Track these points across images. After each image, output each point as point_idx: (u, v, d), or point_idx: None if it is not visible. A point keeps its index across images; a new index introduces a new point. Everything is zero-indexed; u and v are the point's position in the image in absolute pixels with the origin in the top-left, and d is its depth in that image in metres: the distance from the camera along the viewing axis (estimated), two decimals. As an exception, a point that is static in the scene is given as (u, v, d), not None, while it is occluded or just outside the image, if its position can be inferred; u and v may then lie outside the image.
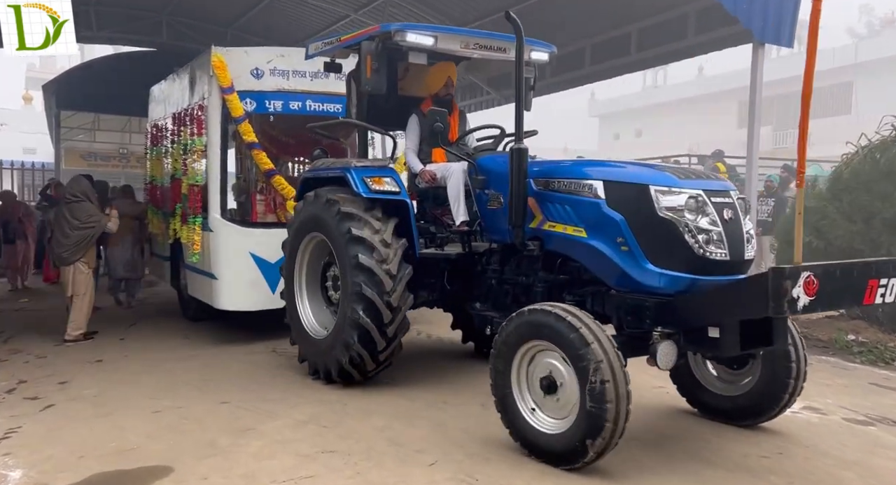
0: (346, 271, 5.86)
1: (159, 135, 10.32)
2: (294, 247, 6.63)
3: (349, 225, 5.78)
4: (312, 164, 6.80)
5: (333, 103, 8.42)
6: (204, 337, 8.53)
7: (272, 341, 8.06)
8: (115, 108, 17.19)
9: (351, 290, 5.79)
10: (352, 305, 5.79)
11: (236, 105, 7.89)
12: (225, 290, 8.04)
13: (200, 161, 8.24)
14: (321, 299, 6.76)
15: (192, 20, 15.57)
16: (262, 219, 8.55)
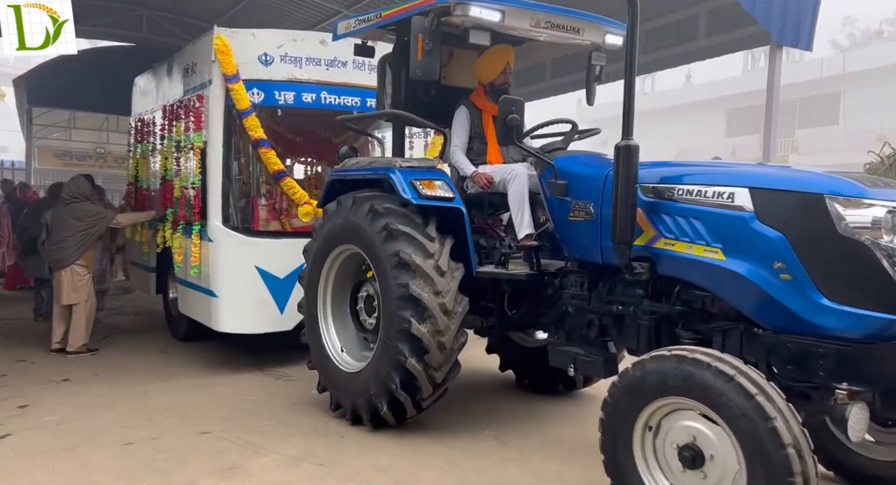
0: (389, 300, 4.84)
1: (146, 130, 9.17)
2: (320, 257, 5.58)
3: (398, 246, 4.77)
4: (341, 163, 5.72)
5: (351, 96, 7.35)
6: (184, 353, 7.80)
7: (259, 360, 7.34)
8: (91, 106, 16.38)
9: (396, 325, 4.77)
10: (396, 343, 4.79)
11: (242, 95, 6.79)
12: (226, 309, 6.94)
13: (198, 160, 7.10)
14: (349, 322, 5.73)
15: (173, 15, 14.61)
16: (265, 227, 7.43)
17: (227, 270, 6.92)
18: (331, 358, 5.53)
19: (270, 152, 6.96)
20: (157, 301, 9.43)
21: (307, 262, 5.73)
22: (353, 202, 5.11)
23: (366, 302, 5.47)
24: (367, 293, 5.45)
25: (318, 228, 5.56)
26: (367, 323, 5.44)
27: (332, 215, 5.37)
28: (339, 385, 5.42)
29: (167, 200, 8.04)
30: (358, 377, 5.21)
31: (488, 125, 5.51)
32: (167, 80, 8.36)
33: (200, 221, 7.15)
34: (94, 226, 7.79)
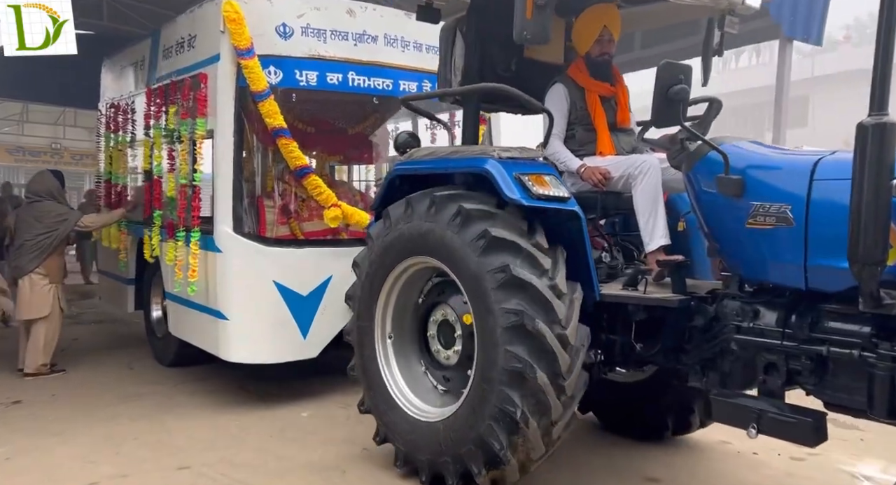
0: (489, 330, 3.68)
1: (122, 118, 7.81)
2: (380, 273, 4.39)
3: (503, 260, 3.63)
4: (406, 153, 4.54)
5: (382, 77, 6.19)
6: (153, 369, 7.10)
7: (239, 376, 6.45)
8: (45, 98, 15.04)
9: (503, 364, 3.61)
10: (501, 387, 3.63)
11: (258, 74, 5.57)
12: (238, 335, 5.73)
13: (200, 153, 5.83)
14: (416, 354, 4.55)
15: (136, 2, 13.08)
16: (273, 232, 6.20)
17: (240, 286, 5.71)
18: (396, 402, 4.36)
19: (292, 144, 5.75)
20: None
21: (359, 278, 4.54)
22: (432, 203, 3.94)
23: (441, 331, 4.31)
24: (442, 318, 4.29)
25: (376, 236, 4.36)
26: (444, 357, 4.29)
27: (398, 220, 4.18)
28: (410, 437, 4.26)
29: (155, 200, 6.74)
30: (439, 429, 4.05)
31: (595, 107, 4.42)
32: (152, 59, 7.05)
33: (201, 226, 5.88)
34: (56, 229, 6.84)
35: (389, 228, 4.24)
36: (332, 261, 5.91)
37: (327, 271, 5.87)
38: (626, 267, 4.27)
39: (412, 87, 6.33)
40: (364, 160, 7.64)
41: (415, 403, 4.34)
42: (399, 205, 4.19)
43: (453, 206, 3.84)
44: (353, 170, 8.21)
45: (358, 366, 4.59)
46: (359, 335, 4.56)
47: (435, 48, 6.31)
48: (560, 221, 3.89)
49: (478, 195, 3.88)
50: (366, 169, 7.96)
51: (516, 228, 3.70)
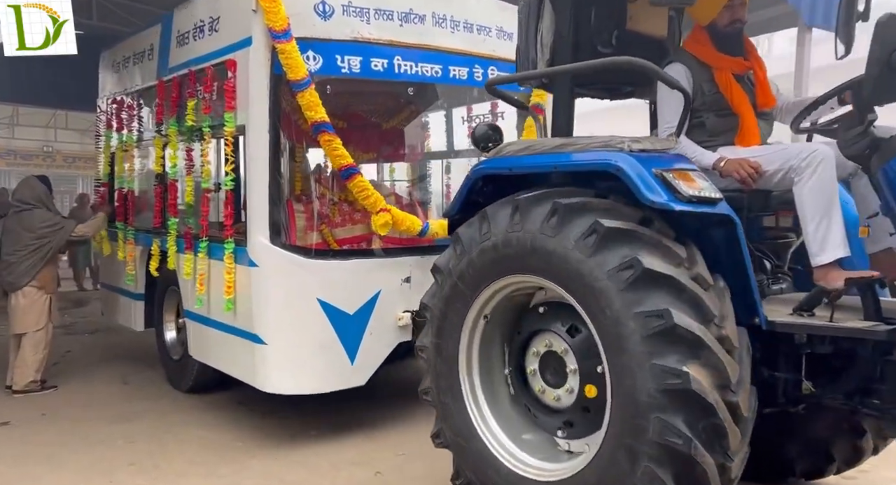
0: (632, 389, 2.83)
1: (126, 115, 6.99)
2: (469, 289, 3.57)
3: (659, 300, 2.77)
4: (497, 148, 3.77)
5: (431, 63, 5.44)
6: (149, 383, 6.69)
7: (237, 391, 5.98)
8: (36, 100, 14.38)
9: (653, 435, 2.76)
10: (648, 464, 2.79)
11: (297, 61, 4.79)
12: (278, 361, 4.96)
13: (230, 152, 5.05)
14: (505, 389, 3.76)
15: (127, 1, 12.29)
16: (303, 241, 5.43)
17: (280, 305, 4.94)
18: (491, 453, 3.58)
19: (336, 141, 4.97)
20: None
21: (441, 286, 3.75)
22: (554, 213, 3.12)
23: (545, 364, 3.53)
24: (546, 349, 3.52)
25: (468, 243, 3.53)
26: (552, 398, 3.51)
27: (501, 228, 3.38)
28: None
29: (169, 207, 5.94)
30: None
31: (731, 88, 3.65)
32: (163, 47, 6.25)
33: (234, 237, 5.09)
34: (49, 238, 6.43)
35: (487, 235, 3.44)
36: (381, 273, 5.18)
37: (375, 286, 5.13)
38: (773, 281, 3.51)
39: (462, 73, 5.59)
40: (399, 157, 6.86)
41: (522, 457, 3.55)
42: (502, 209, 3.39)
43: (585, 220, 3.01)
44: (383, 168, 7.43)
45: (433, 392, 3.81)
46: (435, 354, 3.77)
47: (485, 29, 5.61)
48: (701, 227, 3.14)
49: (615, 206, 3.07)
50: (407, 167, 7.17)
51: (672, 256, 2.88)
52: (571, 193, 3.17)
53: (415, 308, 5.19)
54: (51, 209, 6.64)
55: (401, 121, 6.72)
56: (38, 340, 6.37)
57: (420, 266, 5.29)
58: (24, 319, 6.34)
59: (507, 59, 5.73)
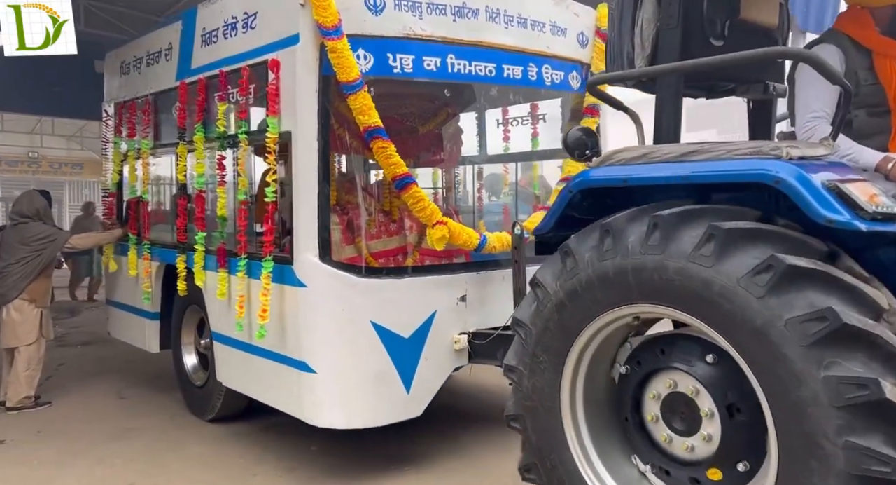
0: (814, 473, 2.35)
1: (141, 120, 6.48)
2: (574, 316, 3.10)
3: (858, 364, 2.25)
4: (605, 155, 3.34)
5: (484, 61, 4.99)
6: (147, 398, 6.57)
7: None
8: (21, 107, 14.06)
9: (847, 463, 2.27)
10: None
11: (348, 60, 4.34)
12: (330, 392, 4.51)
13: (272, 161, 4.57)
14: (619, 437, 3.28)
15: (118, 7, 11.82)
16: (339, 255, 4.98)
17: (332, 329, 4.47)
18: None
19: (390, 148, 4.52)
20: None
21: (541, 303, 3.24)
22: (710, 238, 2.58)
23: (669, 408, 3.07)
24: (669, 390, 3.05)
25: (578, 262, 3.04)
26: (682, 448, 3.03)
27: (614, 248, 2.91)
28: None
29: (197, 221, 5.44)
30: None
31: (894, 79, 3.21)
32: (184, 47, 5.75)
33: (275, 253, 4.62)
34: (41, 250, 6.30)
35: (611, 253, 2.95)
36: (436, 292, 4.75)
37: (431, 306, 4.69)
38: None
39: (516, 72, 5.15)
40: (436, 163, 6.41)
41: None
42: (633, 225, 2.87)
43: (756, 251, 2.48)
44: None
45: (524, 422, 3.35)
46: (530, 381, 3.31)
47: (539, 24, 5.19)
48: (868, 246, 2.70)
49: (792, 234, 2.58)
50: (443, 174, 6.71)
51: (871, 305, 2.36)
52: (727, 213, 2.72)
53: (471, 330, 4.79)
54: (47, 223, 6.50)
55: (437, 124, 6.26)
56: (31, 355, 6.25)
57: (476, 283, 4.88)
58: (15, 334, 6.23)
59: (561, 57, 5.35)
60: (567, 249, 3.08)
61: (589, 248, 2.99)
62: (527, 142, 6.46)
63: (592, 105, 5.48)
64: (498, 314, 4.87)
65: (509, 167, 6.91)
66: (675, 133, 3.44)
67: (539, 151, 6.32)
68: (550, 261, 3.21)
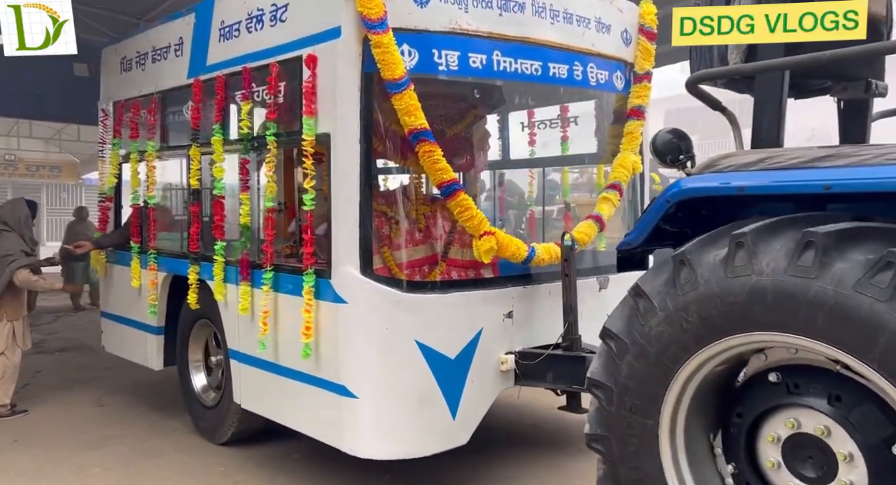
0: None
1: (146, 121, 6.04)
2: (685, 338, 2.71)
3: None
4: (703, 164, 2.99)
5: (532, 59, 4.63)
6: (127, 405, 6.47)
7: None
8: None
9: None
10: None
11: (395, 56, 3.98)
12: (374, 419, 4.12)
13: (309, 165, 4.18)
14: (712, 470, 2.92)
15: (101, 10, 11.37)
16: (393, 268, 4.62)
17: (376, 350, 4.08)
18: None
19: (437, 152, 4.15)
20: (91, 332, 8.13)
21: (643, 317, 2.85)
22: (879, 263, 2.20)
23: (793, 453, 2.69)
24: (791, 432, 2.68)
25: (699, 274, 2.62)
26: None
27: (748, 264, 2.52)
28: None
29: (215, 229, 5.03)
30: None
31: None
32: (198, 41, 5.34)
33: (314, 267, 4.23)
34: (3, 269, 6.08)
35: (743, 270, 2.56)
36: (482, 308, 4.40)
37: (477, 323, 4.33)
38: None
39: (562, 71, 4.81)
40: (464, 168, 6.03)
41: None
42: (773, 240, 2.47)
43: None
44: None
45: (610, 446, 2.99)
46: (619, 404, 2.94)
47: (585, 20, 4.86)
48: None
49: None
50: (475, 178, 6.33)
51: None
52: None
53: (517, 349, 4.44)
54: (23, 236, 6.34)
55: (464, 127, 5.90)
56: (4, 364, 6.10)
57: (523, 299, 4.54)
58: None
59: (606, 56, 5.02)
60: (684, 259, 2.69)
61: (714, 261, 2.62)
62: (555, 146, 6.13)
63: (638, 107, 5.16)
64: (545, 332, 4.54)
65: (534, 173, 6.56)
66: (778, 136, 3.11)
67: (569, 156, 5.98)
68: (658, 270, 2.84)
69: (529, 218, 6.46)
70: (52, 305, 12.66)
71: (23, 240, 6.29)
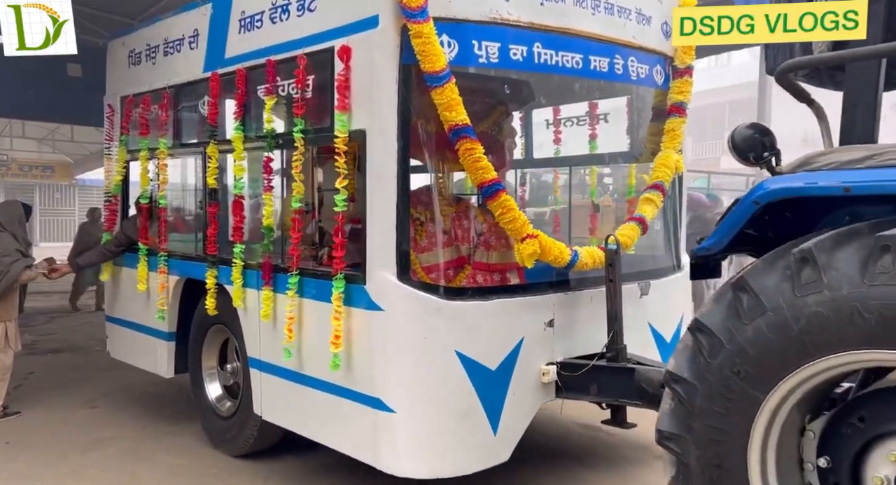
0: None
1: (157, 117, 5.75)
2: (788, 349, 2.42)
3: None
4: (796, 162, 2.74)
5: (572, 51, 4.38)
6: (120, 406, 6.41)
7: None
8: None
9: None
10: None
11: (435, 48, 3.72)
12: (412, 436, 3.87)
13: (342, 165, 3.91)
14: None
15: (94, 10, 11.17)
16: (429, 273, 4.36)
17: (414, 361, 3.84)
18: None
19: (479, 149, 3.89)
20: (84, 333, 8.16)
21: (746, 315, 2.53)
22: None
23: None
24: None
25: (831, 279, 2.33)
26: None
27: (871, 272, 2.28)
28: None
29: (234, 232, 4.76)
30: None
31: None
32: (215, 33, 5.06)
33: (345, 272, 3.96)
34: (3, 271, 5.97)
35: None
36: (522, 316, 4.16)
37: (518, 332, 4.08)
38: None
39: (603, 64, 4.56)
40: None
41: None
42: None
43: None
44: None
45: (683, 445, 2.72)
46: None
47: (626, 11, 4.62)
48: None
49: None
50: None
51: None
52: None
53: (558, 359, 4.19)
54: (16, 237, 6.21)
55: (491, 124, 5.63)
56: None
57: (564, 306, 4.28)
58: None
59: (647, 49, 4.77)
60: (808, 256, 2.40)
61: (849, 261, 2.33)
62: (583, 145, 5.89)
63: (679, 103, 4.91)
64: (587, 341, 4.30)
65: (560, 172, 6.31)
66: (872, 131, 2.86)
67: (604, 155, 5.73)
68: (771, 265, 2.54)
69: (554, 219, 6.21)
70: (45, 306, 12.44)
71: (16, 240, 6.18)
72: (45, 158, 21.87)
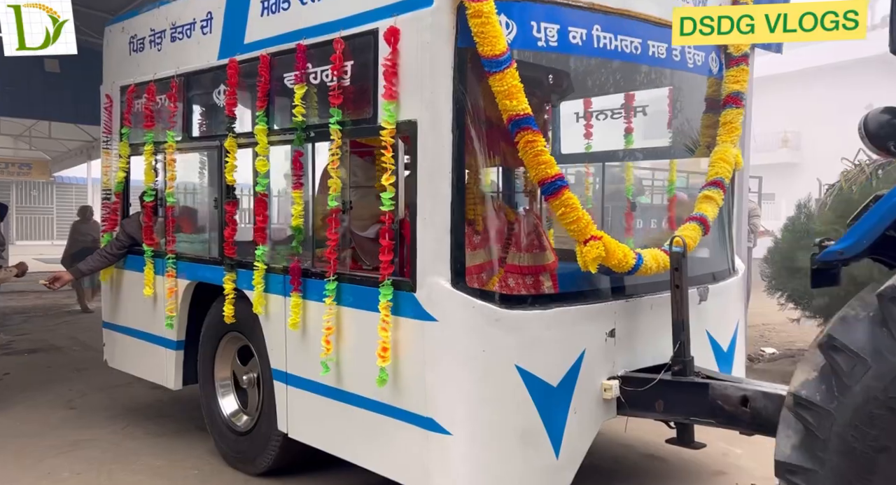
0: None
1: (165, 108, 5.32)
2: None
3: None
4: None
5: (631, 36, 4.04)
6: (99, 407, 6.30)
7: (189, 410, 5.77)
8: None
9: None
10: None
11: (495, 29, 3.37)
12: (470, 459, 3.47)
13: (389, 161, 3.52)
14: None
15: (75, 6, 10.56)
16: (485, 280, 3.97)
17: (472, 377, 3.45)
18: None
19: (540, 142, 3.50)
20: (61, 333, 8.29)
21: None
22: None
23: None
24: None
25: None
26: None
27: None
28: None
29: (257, 233, 4.35)
30: None
31: None
32: (233, 15, 4.64)
33: (393, 279, 3.57)
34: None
35: None
36: (583, 326, 3.78)
37: (579, 344, 3.72)
38: None
39: (661, 50, 4.20)
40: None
41: None
42: None
43: None
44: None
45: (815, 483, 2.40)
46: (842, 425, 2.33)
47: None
48: None
49: None
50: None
51: None
52: None
53: (619, 372, 3.84)
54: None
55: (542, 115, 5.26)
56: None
57: (625, 314, 3.92)
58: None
59: (703, 35, 4.37)
60: None
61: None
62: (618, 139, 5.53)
63: (736, 93, 4.56)
64: (646, 352, 3.94)
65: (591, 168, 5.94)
66: None
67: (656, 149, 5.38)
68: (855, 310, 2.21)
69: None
70: (21, 306, 12.17)
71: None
72: (22, 155, 21.25)
